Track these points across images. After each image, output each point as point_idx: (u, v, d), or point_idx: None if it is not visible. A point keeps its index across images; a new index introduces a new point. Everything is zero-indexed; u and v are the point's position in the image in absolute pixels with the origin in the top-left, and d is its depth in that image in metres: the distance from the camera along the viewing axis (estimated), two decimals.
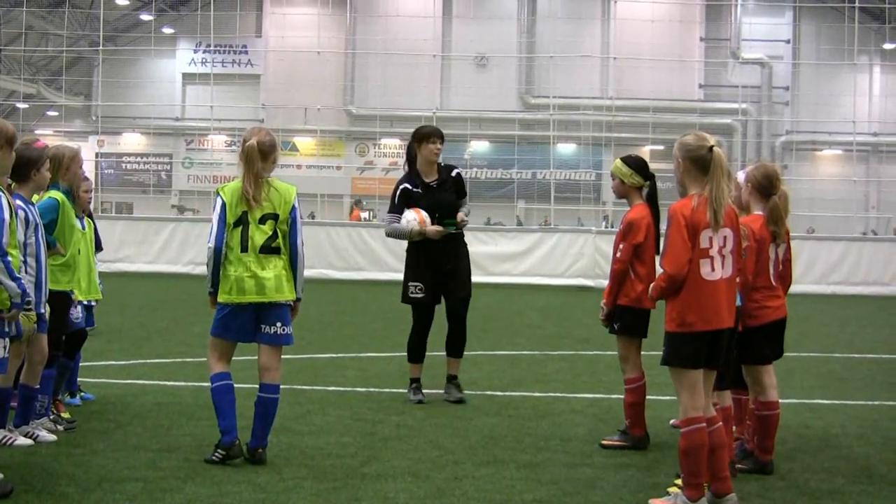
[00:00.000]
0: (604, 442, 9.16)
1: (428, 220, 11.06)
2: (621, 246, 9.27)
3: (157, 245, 33.55)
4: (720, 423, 7.11)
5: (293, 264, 8.25)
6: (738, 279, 7.26)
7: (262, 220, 8.14)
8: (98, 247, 11.11)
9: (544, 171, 51.07)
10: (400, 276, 11.69)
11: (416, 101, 54.22)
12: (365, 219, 52.18)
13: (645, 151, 55.95)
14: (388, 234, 11.55)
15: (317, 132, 55.36)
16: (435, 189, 11.27)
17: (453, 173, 11.48)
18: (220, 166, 56.92)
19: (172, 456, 8.25)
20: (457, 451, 8.72)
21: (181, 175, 59.54)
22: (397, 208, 11.30)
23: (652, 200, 9.39)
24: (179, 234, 33.65)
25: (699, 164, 7.01)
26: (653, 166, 9.72)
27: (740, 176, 8.35)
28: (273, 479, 7.62)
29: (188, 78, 58.82)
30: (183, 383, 11.98)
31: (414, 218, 11.03)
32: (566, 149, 57.67)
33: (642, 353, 9.35)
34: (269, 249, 8.15)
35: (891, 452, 9.21)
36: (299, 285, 8.29)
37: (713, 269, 6.95)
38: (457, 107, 58.01)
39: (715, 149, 6.98)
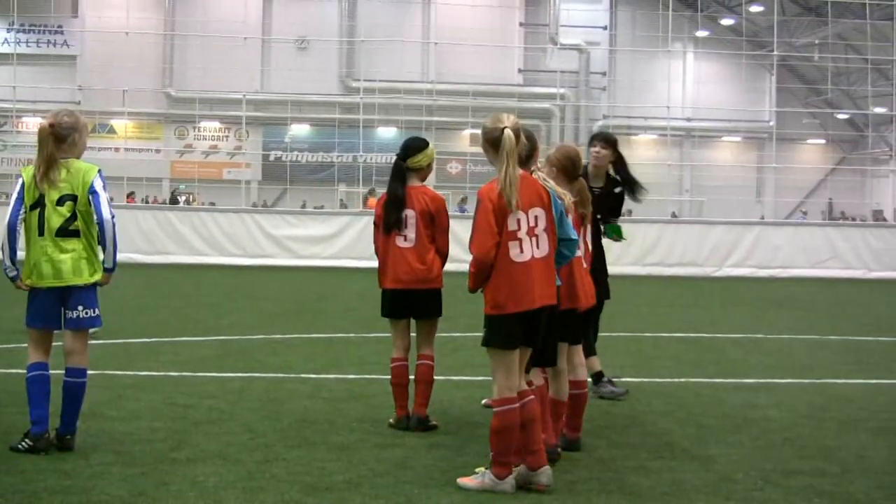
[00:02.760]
0: (390, 421, 9.25)
1: None
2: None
3: None
4: (532, 396, 7.18)
5: (102, 238, 8.01)
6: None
7: (60, 202, 7.96)
8: None
9: (366, 154, 51.01)
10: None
11: (236, 83, 53.65)
12: (185, 202, 51.63)
13: (465, 135, 56.44)
14: None
15: (136, 115, 54.56)
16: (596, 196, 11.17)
17: (616, 189, 11.17)
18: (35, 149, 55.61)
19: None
20: (268, 434, 8.70)
21: None
22: None
23: (390, 178, 9.42)
24: None
25: (494, 145, 7.06)
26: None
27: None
28: (80, 465, 7.51)
29: (2, 58, 57.13)
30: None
31: None
32: (387, 132, 57.77)
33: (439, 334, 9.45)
34: (66, 232, 7.97)
35: (693, 427, 9.48)
36: (109, 255, 8.04)
37: (522, 251, 7.00)
38: (277, 89, 57.70)
39: (506, 130, 6.98)
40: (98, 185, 8.04)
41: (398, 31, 56.31)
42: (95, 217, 8.00)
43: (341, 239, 32.65)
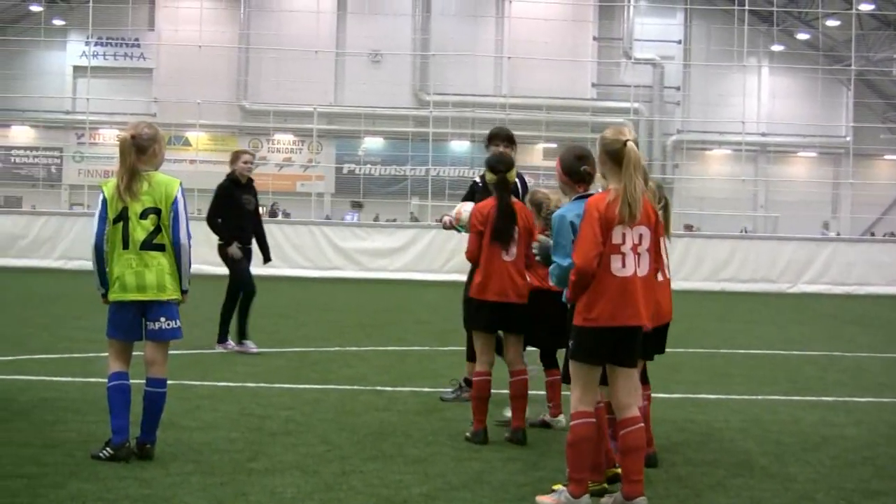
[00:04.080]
0: (466, 435, 9.27)
1: (467, 214, 11.01)
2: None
3: (28, 239, 33.11)
4: (641, 424, 7.07)
5: (177, 258, 8.13)
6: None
7: (143, 215, 8.02)
8: None
9: (438, 167, 51.14)
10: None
11: (309, 96, 54.00)
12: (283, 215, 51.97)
13: (538, 149, 56.44)
14: None
15: (209, 127, 55.05)
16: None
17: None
18: (112, 160, 55.83)
19: (57, 452, 8.14)
20: (345, 446, 8.73)
21: (72, 169, 58.58)
22: (463, 198, 11.46)
23: (499, 194, 9.47)
24: (50, 228, 33.19)
25: (614, 157, 7.00)
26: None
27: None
28: (159, 474, 7.57)
29: (79, 71, 57.87)
30: (69, 379, 11.79)
31: (455, 210, 11.06)
32: (459, 146, 57.93)
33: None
34: (150, 245, 8.04)
35: (770, 445, 9.40)
36: (185, 277, 8.18)
37: (624, 265, 6.93)
38: (350, 103, 57.97)
39: (629, 143, 6.96)
40: (180, 205, 8.13)
41: (471, 45, 56.37)
42: (172, 238, 8.10)
43: (409, 252, 32.78)
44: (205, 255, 31.45)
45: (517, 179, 11.04)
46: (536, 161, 56.06)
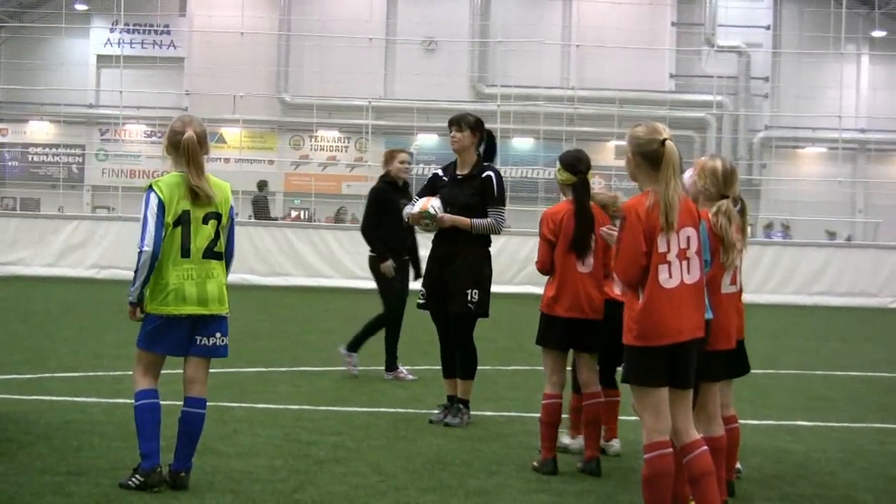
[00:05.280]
0: (534, 464, 9.26)
1: (433, 209, 11.11)
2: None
3: (56, 245, 33.31)
4: (705, 447, 7.00)
5: (226, 268, 8.25)
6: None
7: (205, 220, 8.08)
8: None
9: (500, 167, 51.15)
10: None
11: (356, 89, 54.22)
12: (297, 218, 52.16)
13: (609, 147, 56.26)
14: None
15: (247, 122, 55.26)
16: (459, 182, 11.33)
17: (484, 174, 11.30)
18: (139, 159, 56.66)
19: (82, 480, 8.18)
20: (399, 476, 8.73)
21: (95, 168, 59.02)
22: (420, 192, 11.65)
23: (576, 198, 9.45)
24: (81, 233, 33.39)
25: (650, 159, 6.95)
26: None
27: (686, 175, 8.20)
28: None
29: (103, 60, 58.37)
30: (95, 399, 11.87)
31: (419, 205, 11.13)
32: (523, 143, 57.88)
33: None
34: (211, 254, 8.10)
35: (877, 480, 9.30)
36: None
37: (671, 276, 6.87)
38: (402, 96, 58.01)
39: (667, 143, 6.90)
40: (233, 211, 8.24)
41: (535, 32, 56.32)
42: (227, 247, 8.21)
43: None
44: (252, 264, 31.91)
45: (492, 173, 11.10)
46: (608, 160, 55.80)
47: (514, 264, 31.86)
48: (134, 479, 7.93)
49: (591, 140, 55.55)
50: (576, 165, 9.52)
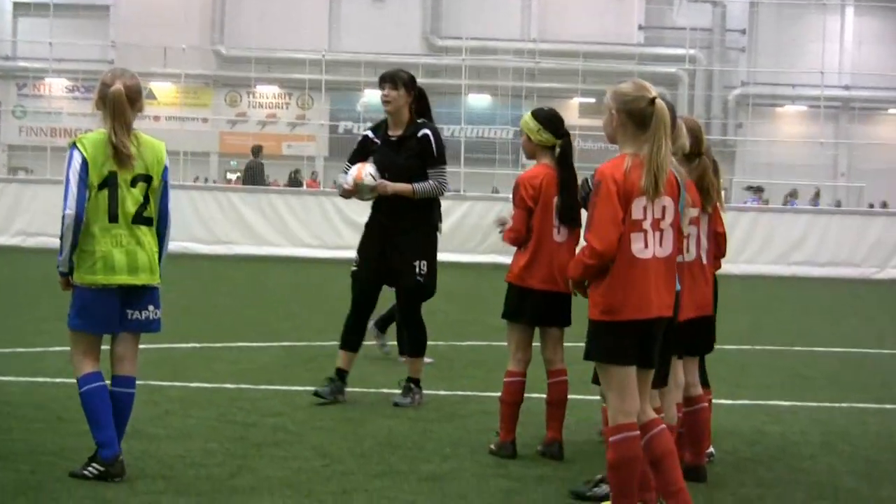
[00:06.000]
0: (491, 447, 9.28)
1: (369, 177, 11.04)
2: (513, 212, 9.45)
3: None
4: (663, 425, 7.07)
5: (161, 235, 8.15)
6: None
7: (133, 183, 7.96)
8: None
9: (453, 127, 51.13)
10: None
11: (299, 40, 54.06)
12: (231, 181, 51.95)
13: (573, 104, 56.38)
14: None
15: (179, 77, 55.01)
16: (393, 144, 11.22)
17: (420, 133, 11.16)
18: (60, 117, 56.28)
19: (2, 467, 8.13)
20: (346, 460, 8.75)
21: (12, 126, 58.65)
22: (350, 157, 11.47)
23: (563, 163, 9.45)
24: (6, 198, 32.98)
25: (637, 118, 6.91)
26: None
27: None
28: (124, 493, 7.58)
29: (21, 9, 58.09)
30: (11, 378, 11.77)
31: (352, 174, 11.06)
32: (479, 101, 57.91)
33: (567, 343, 9.44)
34: (141, 219, 7.99)
35: (859, 463, 9.38)
36: (164, 258, 8.20)
37: (646, 246, 6.87)
38: (349, 49, 57.90)
39: (658, 101, 6.88)
40: (168, 172, 8.18)
41: None
42: (161, 208, 8.12)
43: None
44: (194, 231, 31.65)
45: (428, 131, 11.08)
46: (572, 119, 55.77)
47: (479, 231, 31.69)
48: (91, 469, 7.87)
49: (553, 97, 55.56)
50: (559, 126, 9.45)
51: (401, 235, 11.15)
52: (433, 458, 8.94)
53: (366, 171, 11.03)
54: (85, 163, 7.86)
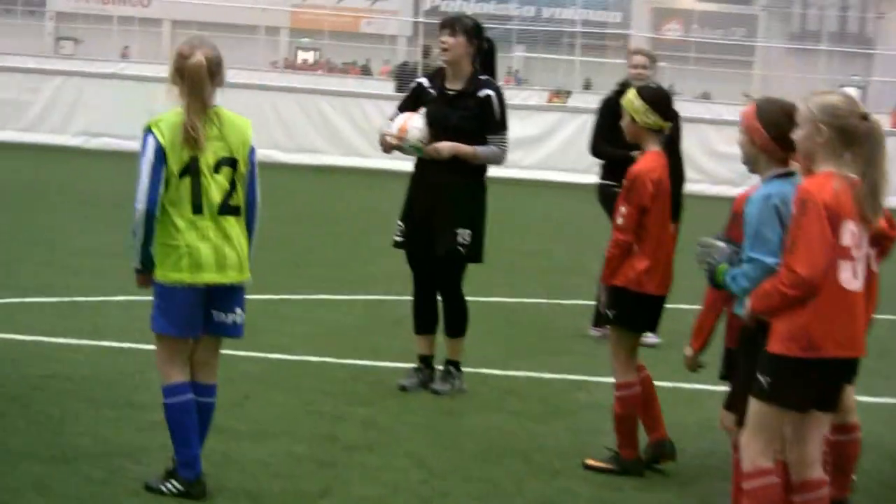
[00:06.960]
0: (588, 462, 9.26)
1: (417, 131, 10.90)
2: (622, 209, 9.14)
3: (34, 107, 32.55)
4: (825, 489, 7.14)
5: (250, 223, 8.08)
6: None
7: (217, 168, 7.85)
8: None
9: (553, 8, 50.75)
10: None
11: None
12: (306, 61, 51.84)
13: None
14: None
15: None
16: (449, 99, 11.07)
17: (482, 92, 10.98)
18: None
19: (68, 471, 8.14)
20: (446, 475, 8.76)
21: None
22: (401, 105, 11.33)
23: (671, 148, 9.37)
24: (66, 93, 32.90)
25: (848, 135, 6.83)
26: None
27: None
28: None
29: None
30: (74, 341, 11.70)
31: (397, 124, 10.96)
32: None
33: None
34: (228, 209, 7.88)
35: None
36: (253, 249, 8.13)
37: (855, 276, 6.85)
38: None
39: (871, 117, 6.86)
40: (255, 154, 8.07)
41: None
42: (248, 198, 8.02)
43: (547, 143, 32.32)
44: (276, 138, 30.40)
45: (492, 92, 10.96)
46: None
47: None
48: (170, 486, 7.92)
49: None
50: (668, 107, 9.27)
51: (446, 195, 10.98)
52: (541, 474, 8.96)
53: (413, 122, 10.86)
54: (160, 150, 7.72)
